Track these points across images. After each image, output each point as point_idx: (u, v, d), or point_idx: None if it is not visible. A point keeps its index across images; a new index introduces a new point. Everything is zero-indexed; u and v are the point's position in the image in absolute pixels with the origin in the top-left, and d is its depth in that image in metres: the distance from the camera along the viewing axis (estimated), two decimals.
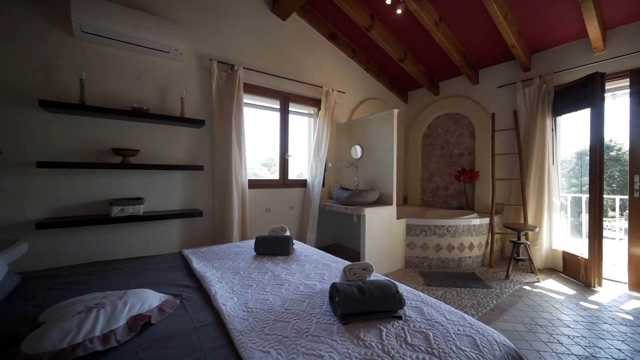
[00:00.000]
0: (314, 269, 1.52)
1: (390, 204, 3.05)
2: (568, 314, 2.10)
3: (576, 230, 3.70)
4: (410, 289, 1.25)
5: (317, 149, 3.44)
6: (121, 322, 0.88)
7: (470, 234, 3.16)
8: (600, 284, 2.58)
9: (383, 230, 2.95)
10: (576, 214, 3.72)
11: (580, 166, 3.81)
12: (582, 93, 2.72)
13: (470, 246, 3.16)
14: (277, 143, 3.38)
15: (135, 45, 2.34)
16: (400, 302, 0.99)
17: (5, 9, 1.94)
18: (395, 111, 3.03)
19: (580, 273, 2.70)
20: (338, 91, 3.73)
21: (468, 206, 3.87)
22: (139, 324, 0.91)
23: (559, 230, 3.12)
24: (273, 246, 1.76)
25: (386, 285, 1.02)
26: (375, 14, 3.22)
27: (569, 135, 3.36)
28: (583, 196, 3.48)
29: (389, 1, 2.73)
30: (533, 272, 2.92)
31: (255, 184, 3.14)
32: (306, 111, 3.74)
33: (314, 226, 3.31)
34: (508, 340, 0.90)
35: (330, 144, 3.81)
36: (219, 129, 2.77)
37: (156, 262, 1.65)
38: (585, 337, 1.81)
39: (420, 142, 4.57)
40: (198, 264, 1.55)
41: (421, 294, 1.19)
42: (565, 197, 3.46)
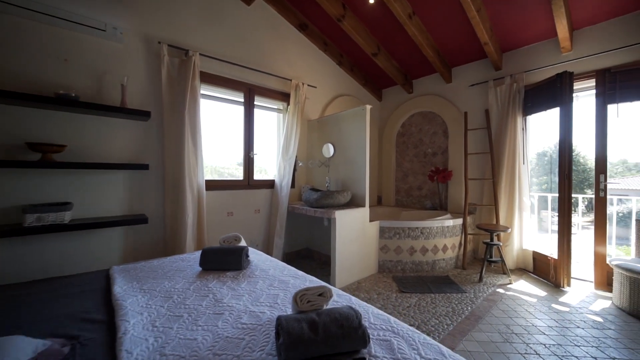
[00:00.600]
0: (268, 288, 1.27)
1: (363, 205, 2.87)
2: (542, 319, 2.03)
3: (542, 228, 3.78)
4: (379, 313, 1.04)
5: (286, 146, 3.18)
6: None
7: (444, 235, 3.07)
8: (569, 284, 2.57)
9: (355, 233, 2.76)
10: (542, 211, 3.86)
11: (540, 166, 3.93)
12: (552, 92, 2.70)
13: (444, 248, 3.07)
14: (241, 140, 3.07)
15: (61, 19, 1.96)
16: (364, 340, 0.77)
17: None
18: (368, 107, 2.85)
19: (550, 273, 2.69)
20: (309, 85, 3.49)
21: (441, 206, 3.81)
22: None
23: (529, 229, 3.12)
24: (222, 260, 1.49)
25: (346, 317, 0.80)
26: (347, 3, 3.02)
27: (531, 136, 3.38)
28: (549, 195, 3.54)
29: None
30: (505, 274, 2.87)
31: (214, 185, 2.82)
32: (275, 106, 3.47)
33: (281, 231, 3.05)
34: None
35: (301, 142, 3.57)
36: (170, 123, 2.43)
37: (70, 285, 1.31)
38: (560, 345, 1.72)
39: (394, 141, 4.46)
40: (122, 287, 1.24)
41: (391, 320, 0.99)
42: (532, 196, 3.49)
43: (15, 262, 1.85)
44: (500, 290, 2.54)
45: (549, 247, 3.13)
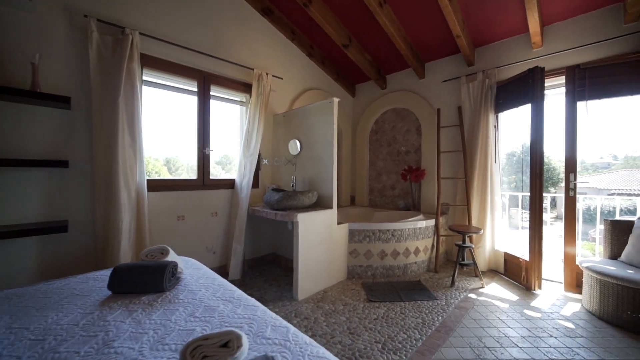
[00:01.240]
0: (186, 319, 0.99)
1: (330, 207, 2.63)
2: (514, 328, 1.90)
3: (511, 224, 3.75)
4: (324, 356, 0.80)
5: (247, 142, 2.88)
6: None
7: (416, 237, 2.91)
8: (540, 287, 2.50)
9: (321, 238, 2.52)
10: (511, 208, 3.83)
11: (509, 165, 3.92)
12: (523, 88, 2.61)
13: (416, 251, 2.92)
14: (195, 135, 2.73)
15: None
16: None
17: None
18: (335, 100, 2.62)
19: (521, 276, 2.60)
20: (274, 76, 3.21)
21: (414, 206, 3.67)
22: None
23: (501, 230, 3.04)
24: (138, 280, 1.18)
25: None
26: None
27: (502, 134, 3.32)
28: (519, 194, 3.51)
29: None
30: (477, 276, 2.77)
31: (160, 185, 2.47)
32: (237, 98, 3.15)
33: (241, 236, 2.75)
34: None
35: (266, 138, 3.28)
36: (101, 112, 2.05)
37: None
38: None
39: (367, 139, 4.28)
40: None
41: None
42: (504, 195, 3.43)
43: None
44: (473, 296, 2.41)
45: (520, 246, 3.08)
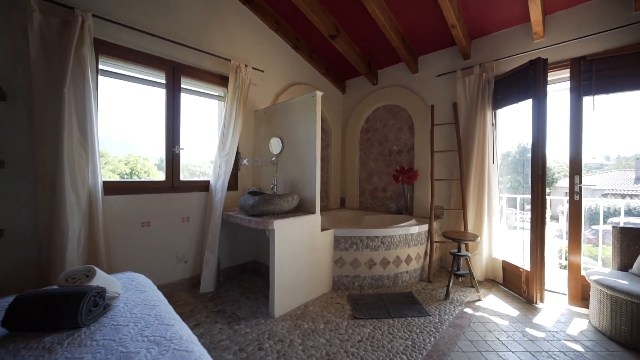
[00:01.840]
0: None
1: (313, 212, 2.39)
2: (516, 352, 1.67)
3: (508, 225, 3.53)
4: None
5: (223, 140, 2.62)
6: None
7: (408, 244, 2.68)
8: (542, 300, 2.27)
9: (302, 246, 2.27)
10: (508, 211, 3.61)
11: (504, 165, 3.72)
12: (524, 82, 2.39)
13: (408, 259, 2.68)
14: (164, 131, 2.46)
15: None
16: None
17: None
18: (319, 94, 2.37)
19: (521, 287, 2.38)
20: (255, 69, 2.95)
21: (407, 210, 3.44)
22: None
23: (499, 236, 2.81)
24: (45, 314, 0.92)
25: None
26: None
27: (500, 132, 3.11)
28: (517, 197, 3.30)
29: None
30: (473, 287, 2.54)
31: (120, 188, 2.20)
32: (215, 92, 2.89)
33: (214, 243, 2.48)
34: None
35: (246, 136, 3.02)
36: (44, 105, 1.78)
37: None
38: None
39: (358, 138, 4.04)
40: None
41: None
42: (502, 198, 3.21)
43: None
44: (469, 310, 2.18)
45: (519, 253, 2.85)
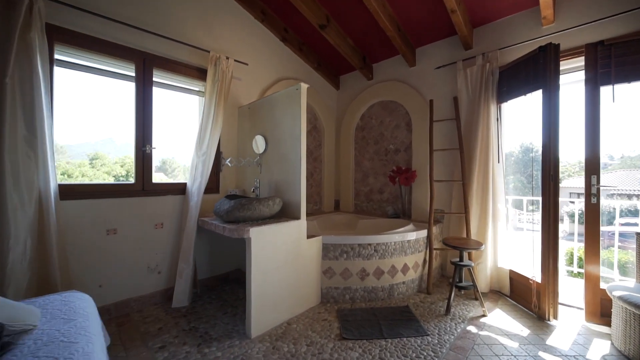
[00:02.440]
0: None
1: (298, 217, 2.15)
2: None
3: (513, 226, 3.27)
4: None
5: (201, 139, 2.39)
6: None
7: (404, 252, 2.43)
8: (556, 316, 2.01)
9: (285, 256, 2.03)
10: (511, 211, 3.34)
11: (507, 165, 3.45)
12: (533, 71, 2.14)
13: (404, 269, 2.43)
14: (133, 129, 2.23)
15: None
16: None
17: None
18: (304, 86, 2.14)
19: (532, 301, 2.12)
20: (238, 61, 2.72)
21: (404, 213, 3.19)
22: None
23: (505, 243, 2.55)
24: None
25: None
26: None
27: (506, 128, 2.85)
28: (524, 199, 3.04)
29: None
30: (477, 299, 2.28)
31: (80, 192, 1.97)
32: (194, 87, 2.67)
33: (189, 253, 2.24)
34: None
35: (230, 134, 2.79)
36: None
37: None
38: None
39: (352, 136, 3.80)
40: None
41: None
42: (507, 200, 2.95)
43: None
44: (472, 329, 1.92)
45: (528, 261, 2.59)
